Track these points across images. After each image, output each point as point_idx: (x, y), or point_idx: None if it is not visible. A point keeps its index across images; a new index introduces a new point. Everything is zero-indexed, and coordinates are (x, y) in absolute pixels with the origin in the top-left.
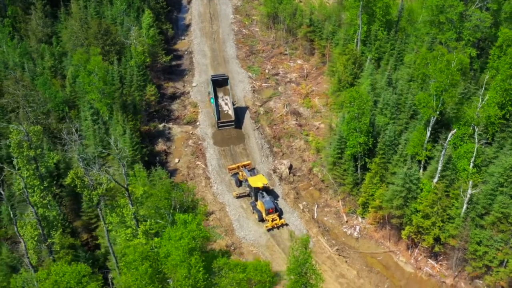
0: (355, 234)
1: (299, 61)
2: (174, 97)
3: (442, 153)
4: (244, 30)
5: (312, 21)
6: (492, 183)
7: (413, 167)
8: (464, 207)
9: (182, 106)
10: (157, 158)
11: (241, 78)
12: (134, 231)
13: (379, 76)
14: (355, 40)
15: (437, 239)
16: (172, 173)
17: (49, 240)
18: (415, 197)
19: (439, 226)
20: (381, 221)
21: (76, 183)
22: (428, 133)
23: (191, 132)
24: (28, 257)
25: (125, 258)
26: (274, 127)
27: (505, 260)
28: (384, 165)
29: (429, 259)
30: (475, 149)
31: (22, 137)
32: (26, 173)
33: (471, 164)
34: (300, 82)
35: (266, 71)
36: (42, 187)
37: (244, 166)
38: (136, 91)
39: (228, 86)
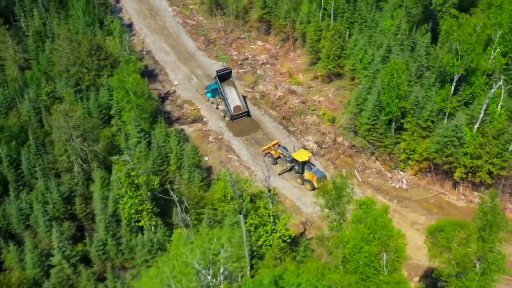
0: (404, 186)
1: (259, 43)
2: (160, 98)
3: (485, 102)
4: (189, 21)
5: (266, 2)
6: None
7: (460, 119)
8: None
9: (176, 106)
10: None
11: (216, 69)
12: (272, 227)
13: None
14: (320, 15)
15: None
16: (208, 171)
17: None
18: (462, 144)
19: (490, 163)
20: (427, 169)
21: (227, 196)
22: (453, 88)
23: (204, 129)
24: None
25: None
26: (277, 108)
27: None
28: (416, 123)
29: (474, 192)
30: (502, 94)
31: (130, 167)
32: (135, 200)
33: (499, 107)
34: (274, 62)
35: (234, 57)
36: (149, 210)
37: (274, 145)
38: (149, 100)
39: (232, 79)
